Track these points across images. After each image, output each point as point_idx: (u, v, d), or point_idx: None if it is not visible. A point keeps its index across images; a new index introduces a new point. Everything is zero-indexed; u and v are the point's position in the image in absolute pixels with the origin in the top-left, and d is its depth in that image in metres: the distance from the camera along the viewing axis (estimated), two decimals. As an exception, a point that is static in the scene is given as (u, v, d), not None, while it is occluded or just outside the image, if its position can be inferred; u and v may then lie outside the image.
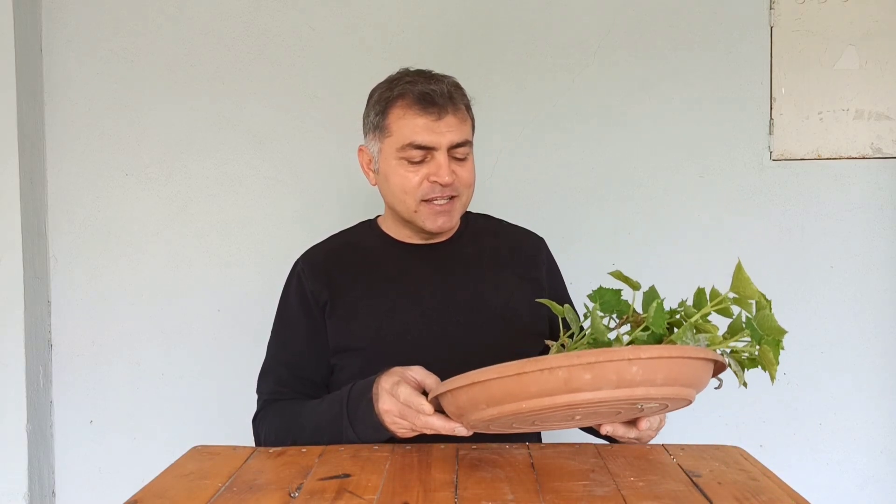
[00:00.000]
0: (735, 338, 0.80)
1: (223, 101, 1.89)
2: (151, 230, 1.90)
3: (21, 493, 1.78)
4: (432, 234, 1.24)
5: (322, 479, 0.85)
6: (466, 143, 1.19)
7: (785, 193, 1.88)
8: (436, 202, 1.17)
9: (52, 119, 1.88)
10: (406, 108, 1.16)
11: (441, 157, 1.15)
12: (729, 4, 1.87)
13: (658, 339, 0.80)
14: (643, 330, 0.81)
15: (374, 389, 0.98)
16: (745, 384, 0.81)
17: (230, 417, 1.87)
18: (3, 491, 1.78)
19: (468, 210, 1.34)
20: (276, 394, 1.21)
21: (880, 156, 1.86)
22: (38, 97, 1.87)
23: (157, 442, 1.89)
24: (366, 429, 0.99)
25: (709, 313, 0.80)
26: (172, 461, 0.94)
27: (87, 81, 1.88)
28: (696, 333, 0.79)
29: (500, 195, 1.86)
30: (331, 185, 1.90)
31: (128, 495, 0.81)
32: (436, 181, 1.15)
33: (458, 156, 1.18)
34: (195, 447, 1.00)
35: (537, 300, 0.95)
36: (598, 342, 0.82)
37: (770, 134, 1.87)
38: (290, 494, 0.81)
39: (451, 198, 1.18)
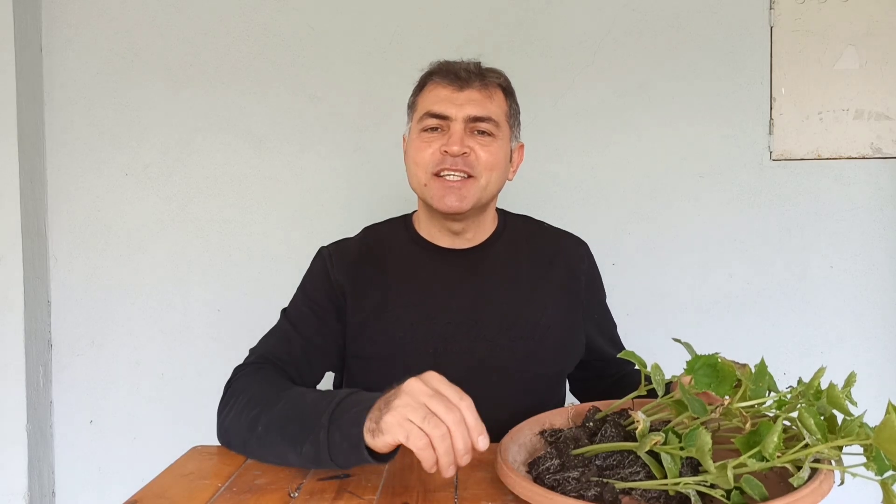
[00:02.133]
0: (846, 442, 0.67)
1: (223, 101, 1.89)
2: (151, 230, 1.90)
3: (21, 493, 1.79)
4: (450, 220, 1.14)
5: (322, 479, 0.85)
6: (489, 120, 1.11)
7: (785, 193, 1.88)
8: (447, 177, 1.09)
9: (52, 119, 1.89)
10: (434, 83, 1.14)
11: (455, 126, 1.09)
12: (729, 4, 1.87)
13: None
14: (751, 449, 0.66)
15: (377, 399, 0.79)
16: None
17: (230, 417, 1.87)
18: (3, 491, 1.78)
19: (506, 210, 1.29)
20: (273, 357, 1.09)
21: (880, 156, 1.86)
22: (38, 97, 1.87)
23: (157, 442, 1.89)
24: (347, 431, 0.78)
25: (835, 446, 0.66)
26: (172, 461, 0.94)
27: (87, 81, 1.89)
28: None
29: (500, 195, 1.86)
30: (330, 186, 1.90)
31: (128, 495, 0.81)
32: (446, 150, 1.08)
33: (480, 130, 1.11)
34: (195, 447, 1.00)
35: (619, 355, 0.86)
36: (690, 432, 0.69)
37: (770, 134, 1.87)
38: (290, 494, 0.81)
39: (468, 177, 1.10)
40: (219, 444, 0.98)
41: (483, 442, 0.73)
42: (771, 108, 1.87)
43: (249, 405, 0.94)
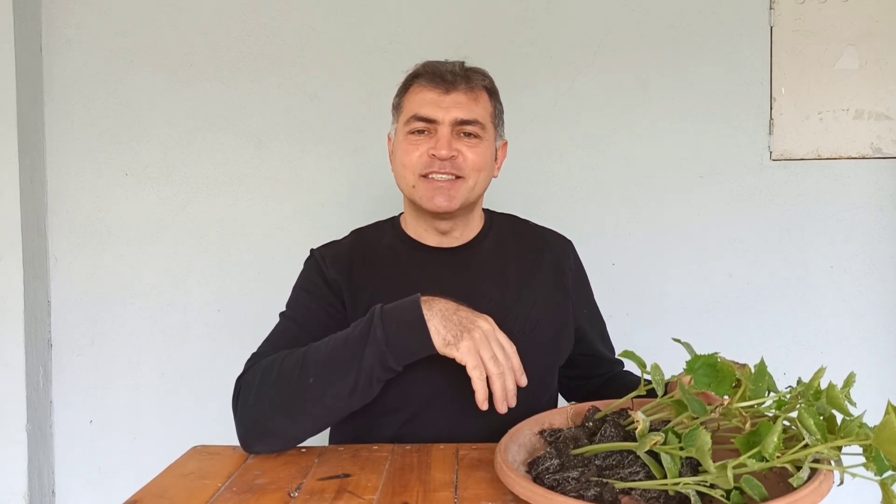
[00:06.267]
0: (846, 442, 0.66)
1: (223, 101, 1.89)
2: (151, 230, 1.90)
3: (21, 493, 1.79)
4: (438, 220, 1.16)
5: (322, 479, 0.85)
6: (475, 123, 1.13)
7: (785, 193, 1.88)
8: (435, 178, 1.12)
9: (52, 119, 1.89)
10: (419, 84, 1.16)
11: (443, 130, 1.12)
12: (729, 4, 1.87)
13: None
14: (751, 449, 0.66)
15: (433, 299, 0.97)
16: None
17: (230, 417, 1.87)
18: (3, 491, 1.78)
19: (492, 210, 1.30)
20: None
21: (880, 156, 1.86)
22: (38, 97, 1.87)
23: (157, 442, 1.89)
24: (401, 327, 0.93)
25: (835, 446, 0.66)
26: (172, 461, 0.94)
27: (87, 81, 1.89)
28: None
29: (500, 195, 1.86)
30: (331, 186, 1.90)
31: (128, 495, 0.81)
32: (434, 154, 1.11)
33: (466, 132, 1.13)
34: (195, 447, 1.00)
35: (618, 355, 0.91)
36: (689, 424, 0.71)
37: (770, 134, 1.87)
38: (289, 494, 0.81)
39: (456, 178, 1.12)
40: (219, 444, 0.98)
41: (524, 380, 0.95)
42: (771, 108, 1.87)
43: (284, 374, 0.97)
